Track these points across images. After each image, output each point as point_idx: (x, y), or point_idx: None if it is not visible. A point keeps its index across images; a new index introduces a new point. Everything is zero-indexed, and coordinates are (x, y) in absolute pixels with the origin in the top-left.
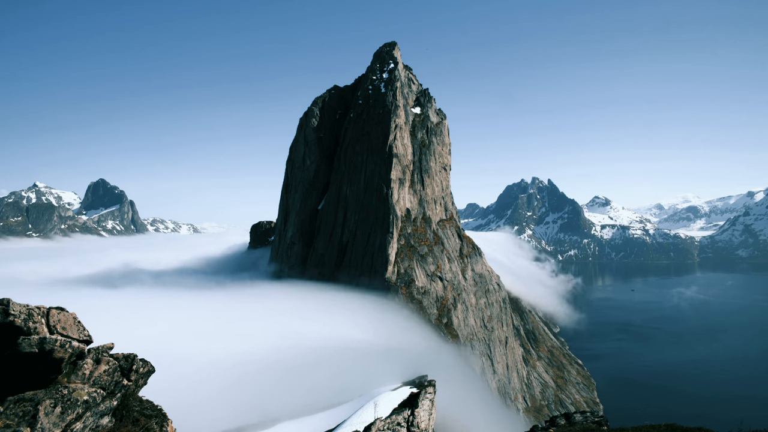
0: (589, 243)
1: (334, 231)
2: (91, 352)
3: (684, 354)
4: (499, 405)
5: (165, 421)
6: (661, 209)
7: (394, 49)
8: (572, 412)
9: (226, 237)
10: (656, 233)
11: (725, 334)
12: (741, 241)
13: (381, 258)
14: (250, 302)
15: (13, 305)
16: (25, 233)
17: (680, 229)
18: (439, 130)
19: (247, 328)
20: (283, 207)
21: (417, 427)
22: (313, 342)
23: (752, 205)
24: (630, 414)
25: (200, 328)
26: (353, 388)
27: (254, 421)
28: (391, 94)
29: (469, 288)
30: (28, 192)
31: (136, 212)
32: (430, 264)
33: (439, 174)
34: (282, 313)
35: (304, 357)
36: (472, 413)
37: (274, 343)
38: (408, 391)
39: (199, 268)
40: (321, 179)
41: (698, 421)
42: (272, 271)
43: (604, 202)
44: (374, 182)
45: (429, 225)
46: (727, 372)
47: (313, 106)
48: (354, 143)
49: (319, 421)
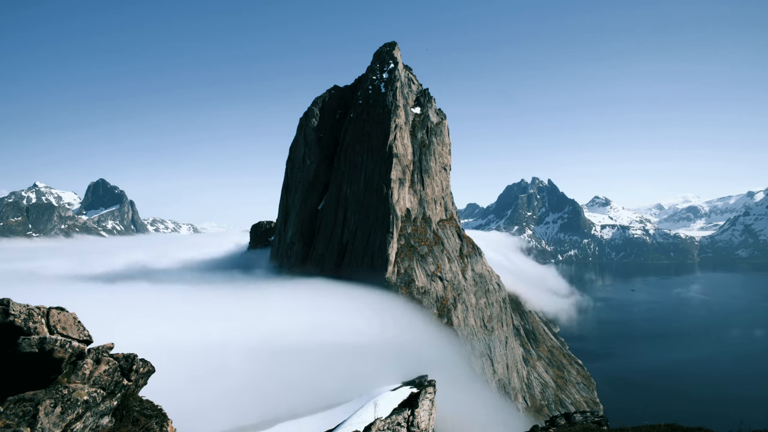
0: (589, 243)
1: (334, 231)
2: (91, 352)
3: (684, 354)
4: (499, 405)
5: (165, 421)
6: (661, 209)
7: (394, 49)
8: (572, 412)
9: (226, 237)
10: (656, 233)
11: (725, 334)
12: (741, 241)
13: (381, 258)
14: (250, 301)
15: (13, 305)
16: (25, 233)
17: (680, 229)
18: (439, 130)
19: (247, 328)
20: (283, 207)
21: (417, 427)
22: (312, 342)
23: (752, 205)
24: (630, 414)
25: (199, 328)
26: (353, 388)
27: (254, 421)
28: (391, 94)
29: (469, 288)
30: (28, 192)
31: (136, 212)
32: (430, 264)
33: (439, 174)
34: (281, 312)
35: (304, 357)
36: (472, 413)
37: (274, 343)
38: (408, 391)
39: (198, 268)
40: (321, 179)
41: (698, 421)
42: (272, 267)
43: (604, 202)
44: (374, 182)
45: (429, 225)
46: (727, 372)
47: (313, 106)
48: (354, 143)
49: (319, 421)
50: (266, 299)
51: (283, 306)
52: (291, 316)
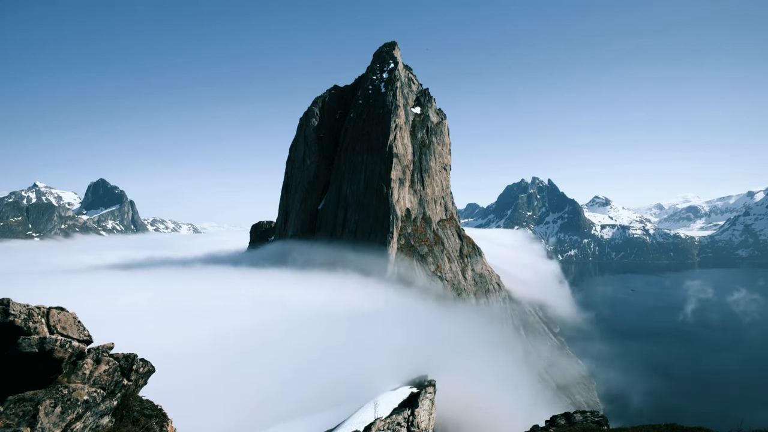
0: (589, 243)
1: (334, 231)
2: (91, 351)
3: (684, 354)
4: (499, 404)
5: (165, 421)
6: (661, 209)
7: (394, 49)
8: (572, 412)
9: (226, 237)
10: (656, 233)
11: (726, 334)
12: (741, 241)
13: (381, 258)
14: (249, 299)
15: (13, 305)
16: (25, 233)
17: (680, 229)
18: (439, 129)
19: (247, 328)
20: (283, 207)
21: (417, 427)
22: (312, 342)
23: (752, 205)
24: (630, 414)
25: (199, 328)
26: (353, 388)
27: (254, 421)
28: (391, 94)
29: (469, 288)
30: (28, 192)
31: (136, 212)
32: (430, 264)
33: (439, 174)
34: (280, 313)
35: (304, 356)
36: (472, 413)
37: (274, 343)
38: (408, 391)
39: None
40: (321, 179)
41: (698, 421)
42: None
43: (604, 202)
44: (374, 182)
45: (429, 225)
46: (727, 371)
47: (313, 106)
48: (354, 143)
49: (319, 421)
50: (265, 295)
51: (283, 305)
52: (291, 316)
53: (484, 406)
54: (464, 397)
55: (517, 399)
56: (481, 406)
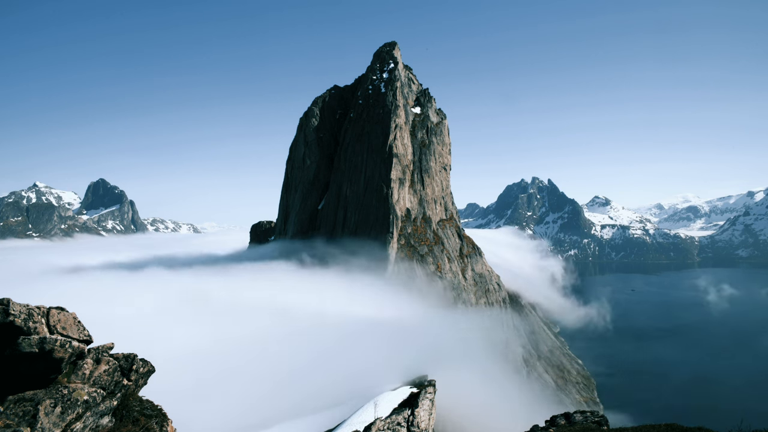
0: (589, 243)
1: (335, 231)
2: (91, 351)
3: (684, 353)
4: (499, 404)
5: (165, 421)
6: (661, 209)
7: (394, 49)
8: (572, 412)
9: (226, 237)
10: (656, 233)
11: (726, 333)
12: (741, 241)
13: (381, 257)
14: (249, 299)
15: (13, 305)
16: (25, 233)
17: (680, 229)
18: (439, 129)
19: (247, 328)
20: (283, 207)
21: (417, 427)
22: (312, 342)
23: (752, 205)
24: (630, 414)
25: (199, 328)
26: (353, 388)
27: (254, 421)
28: (391, 94)
29: (469, 288)
30: (28, 192)
31: (136, 212)
32: (430, 264)
33: (439, 174)
34: (280, 311)
35: (304, 357)
36: (472, 413)
37: (274, 343)
38: (408, 391)
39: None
40: (321, 179)
41: (698, 421)
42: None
43: (604, 202)
44: (374, 182)
45: (429, 225)
46: (727, 371)
47: (313, 106)
48: (354, 143)
49: (320, 421)
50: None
51: (284, 305)
52: (291, 316)
53: (484, 405)
54: (464, 396)
55: (518, 399)
56: (481, 405)
